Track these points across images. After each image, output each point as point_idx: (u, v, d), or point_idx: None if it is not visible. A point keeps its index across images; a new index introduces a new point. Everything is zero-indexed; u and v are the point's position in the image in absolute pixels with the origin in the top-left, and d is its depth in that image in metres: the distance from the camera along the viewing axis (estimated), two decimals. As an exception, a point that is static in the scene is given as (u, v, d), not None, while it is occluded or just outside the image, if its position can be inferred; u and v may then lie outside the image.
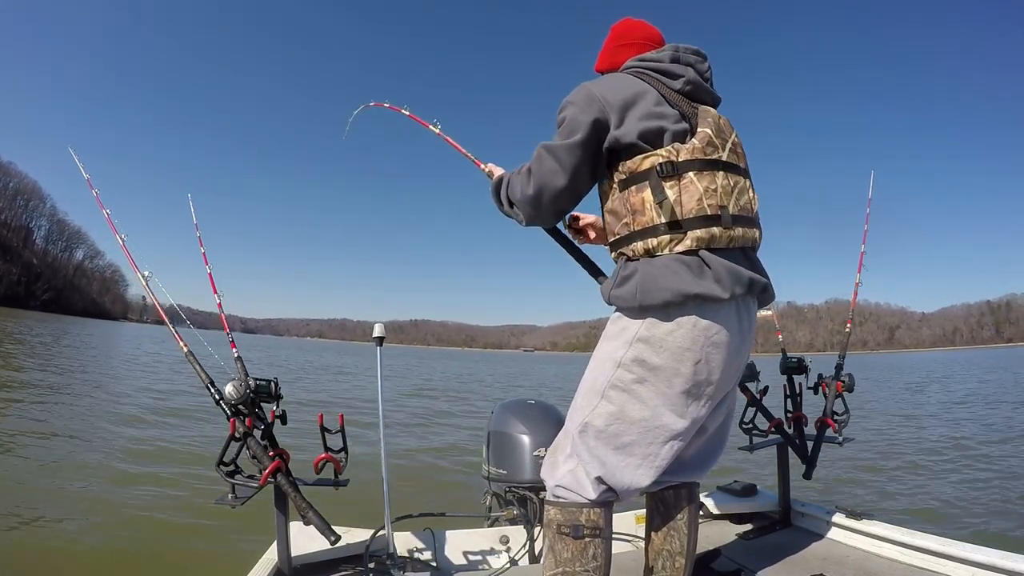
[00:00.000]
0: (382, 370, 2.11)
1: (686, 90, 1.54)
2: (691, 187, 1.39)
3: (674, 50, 1.59)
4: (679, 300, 1.37)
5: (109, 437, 6.87)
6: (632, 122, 1.44)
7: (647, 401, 1.43)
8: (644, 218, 1.42)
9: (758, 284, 1.46)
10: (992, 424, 9.99)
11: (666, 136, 1.43)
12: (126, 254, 2.09)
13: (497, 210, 1.72)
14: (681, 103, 1.50)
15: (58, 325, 49.65)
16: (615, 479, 1.45)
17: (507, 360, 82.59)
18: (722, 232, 1.40)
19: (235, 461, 1.81)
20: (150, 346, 29.79)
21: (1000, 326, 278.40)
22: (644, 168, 1.42)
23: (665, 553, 1.64)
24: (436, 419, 10.96)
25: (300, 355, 41.97)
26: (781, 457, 2.53)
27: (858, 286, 2.72)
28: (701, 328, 1.39)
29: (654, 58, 1.58)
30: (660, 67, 1.56)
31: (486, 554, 2.28)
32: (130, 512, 4.26)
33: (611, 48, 1.72)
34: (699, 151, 1.42)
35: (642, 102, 1.46)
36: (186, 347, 1.99)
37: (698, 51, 1.61)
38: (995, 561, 1.84)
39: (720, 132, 1.48)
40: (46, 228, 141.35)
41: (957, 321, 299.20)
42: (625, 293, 1.43)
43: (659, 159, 1.40)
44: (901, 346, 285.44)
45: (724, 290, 1.37)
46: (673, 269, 1.38)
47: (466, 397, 16.43)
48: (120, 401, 9.87)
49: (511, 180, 1.63)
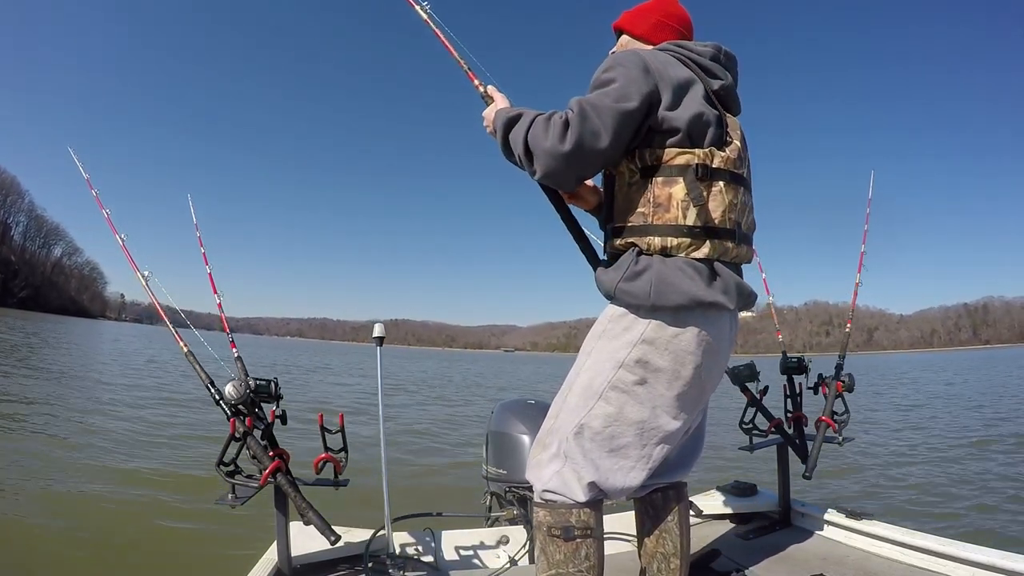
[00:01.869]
0: (382, 370, 2.09)
1: (721, 93, 1.50)
2: (719, 197, 1.39)
3: (716, 49, 1.52)
4: (691, 305, 1.37)
5: (109, 436, 6.79)
6: (685, 107, 1.38)
7: (646, 403, 1.42)
8: (669, 215, 1.37)
9: (753, 298, 1.52)
10: (995, 424, 10.10)
11: (708, 134, 1.39)
12: (126, 254, 2.08)
13: (500, 150, 1.54)
14: (717, 105, 1.46)
15: (38, 323, 48.81)
16: (608, 483, 1.44)
17: (487, 360, 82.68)
18: (732, 248, 1.43)
19: (235, 461, 1.80)
20: (137, 344, 29.44)
21: (977, 328, 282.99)
22: (678, 163, 1.37)
23: (659, 556, 1.62)
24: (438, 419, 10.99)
25: (286, 354, 41.73)
26: (781, 457, 2.53)
27: (858, 286, 2.72)
28: (704, 335, 1.41)
29: (699, 51, 1.51)
30: (703, 62, 1.49)
31: (485, 554, 2.27)
32: (130, 512, 4.23)
33: (654, 20, 1.61)
34: (731, 163, 1.41)
35: (693, 90, 1.41)
36: (186, 347, 1.98)
37: (735, 56, 1.57)
38: (995, 561, 1.85)
39: (745, 147, 1.49)
40: (24, 224, 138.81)
41: (935, 323, 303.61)
42: (637, 290, 1.38)
43: (695, 159, 1.36)
44: (879, 347, 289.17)
45: (730, 301, 1.40)
46: (689, 274, 1.37)
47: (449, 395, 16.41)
48: (118, 399, 9.78)
49: (535, 125, 1.42)
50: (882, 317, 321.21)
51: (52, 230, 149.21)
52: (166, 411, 9.03)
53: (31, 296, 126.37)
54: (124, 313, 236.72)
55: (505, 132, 1.50)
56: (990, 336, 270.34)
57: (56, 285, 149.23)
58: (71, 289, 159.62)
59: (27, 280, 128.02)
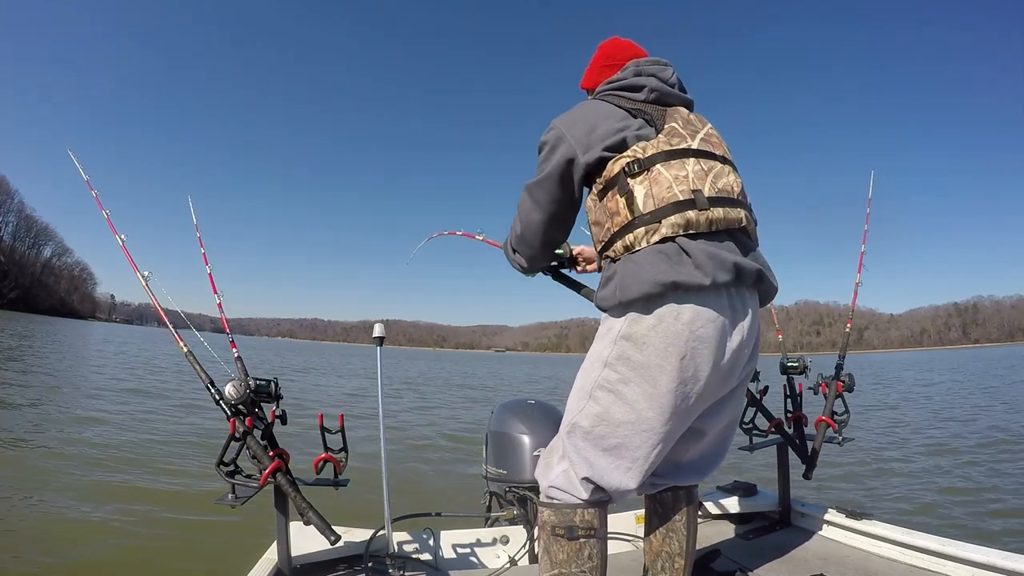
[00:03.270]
0: (382, 370, 2.08)
1: (651, 98, 1.57)
2: (660, 177, 1.40)
3: (635, 66, 1.64)
4: (658, 291, 1.32)
5: (109, 436, 6.76)
6: (596, 143, 1.48)
7: (633, 403, 1.39)
8: (619, 218, 1.43)
9: (747, 270, 1.38)
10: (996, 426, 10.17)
11: (629, 141, 1.46)
12: (126, 254, 2.06)
13: (515, 268, 1.80)
14: (647, 110, 1.53)
15: (28, 324, 48.49)
16: (604, 480, 1.43)
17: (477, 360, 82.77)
18: (698, 215, 1.36)
19: (235, 461, 1.80)
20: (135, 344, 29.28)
21: (967, 327, 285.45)
22: (615, 172, 1.45)
23: (664, 554, 1.64)
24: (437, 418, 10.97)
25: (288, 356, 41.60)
26: (781, 457, 2.54)
27: (858, 286, 2.73)
28: (684, 321, 1.33)
29: (618, 78, 1.64)
30: (624, 84, 1.61)
31: (485, 554, 2.28)
32: (130, 512, 4.20)
33: (596, 69, 1.76)
34: (664, 143, 1.44)
35: (604, 124, 1.50)
36: (186, 347, 1.96)
37: (659, 61, 1.67)
38: (995, 561, 1.86)
39: (688, 124, 1.51)
40: (13, 224, 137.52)
41: (925, 322, 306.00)
42: (607, 293, 1.43)
43: (626, 159, 1.44)
44: (870, 347, 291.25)
45: (705, 276, 1.31)
46: (650, 260, 1.35)
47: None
48: (117, 399, 9.74)
49: (509, 233, 1.72)
50: (872, 316, 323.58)
51: (42, 230, 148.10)
52: (167, 411, 9.00)
53: (20, 297, 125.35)
54: (114, 314, 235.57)
55: (507, 255, 1.79)
56: (980, 335, 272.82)
57: (46, 286, 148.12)
58: (61, 290, 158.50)
59: (16, 281, 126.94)
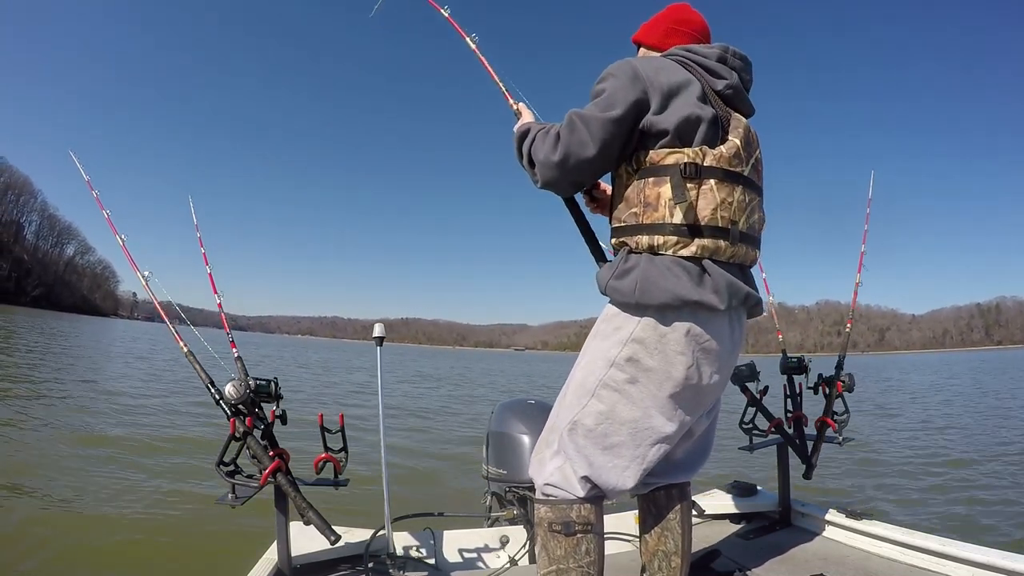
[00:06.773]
0: (382, 370, 2.09)
1: (726, 93, 1.50)
2: (709, 195, 1.37)
3: (723, 50, 1.55)
4: (677, 304, 1.36)
5: (105, 435, 6.81)
6: (673, 110, 1.40)
7: (638, 402, 1.42)
8: (656, 214, 1.39)
9: (753, 299, 1.47)
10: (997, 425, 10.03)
11: (699, 133, 1.39)
12: (126, 254, 2.08)
13: (516, 159, 1.64)
14: (719, 105, 1.46)
15: (52, 321, 49.20)
16: (601, 479, 1.44)
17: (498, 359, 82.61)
18: (726, 247, 1.39)
19: (235, 461, 1.80)
20: (144, 344, 29.65)
21: (990, 328, 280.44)
22: (667, 163, 1.38)
23: (660, 554, 1.64)
24: (436, 419, 11.01)
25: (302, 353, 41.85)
26: (781, 457, 2.53)
27: (858, 286, 2.72)
28: (694, 335, 1.40)
29: (703, 52, 1.53)
30: (707, 63, 1.51)
31: (486, 554, 2.28)
32: (130, 512, 4.23)
33: (664, 28, 1.66)
34: (725, 160, 1.40)
35: (686, 92, 1.42)
36: (185, 347, 1.98)
37: (745, 57, 1.58)
38: (995, 561, 1.84)
39: (748, 145, 1.47)
40: (37, 223, 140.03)
41: (947, 323, 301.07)
42: (624, 287, 1.41)
43: (684, 157, 1.37)
44: (891, 348, 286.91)
45: (721, 301, 1.36)
46: (675, 272, 1.37)
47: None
48: (116, 398, 9.79)
49: (536, 138, 1.54)
50: (894, 317, 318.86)
51: (65, 229, 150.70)
52: (172, 410, 9.08)
53: (44, 295, 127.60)
54: (136, 311, 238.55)
55: (517, 145, 1.61)
56: (1003, 336, 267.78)
57: (69, 284, 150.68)
58: (83, 288, 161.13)
59: (40, 279, 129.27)
